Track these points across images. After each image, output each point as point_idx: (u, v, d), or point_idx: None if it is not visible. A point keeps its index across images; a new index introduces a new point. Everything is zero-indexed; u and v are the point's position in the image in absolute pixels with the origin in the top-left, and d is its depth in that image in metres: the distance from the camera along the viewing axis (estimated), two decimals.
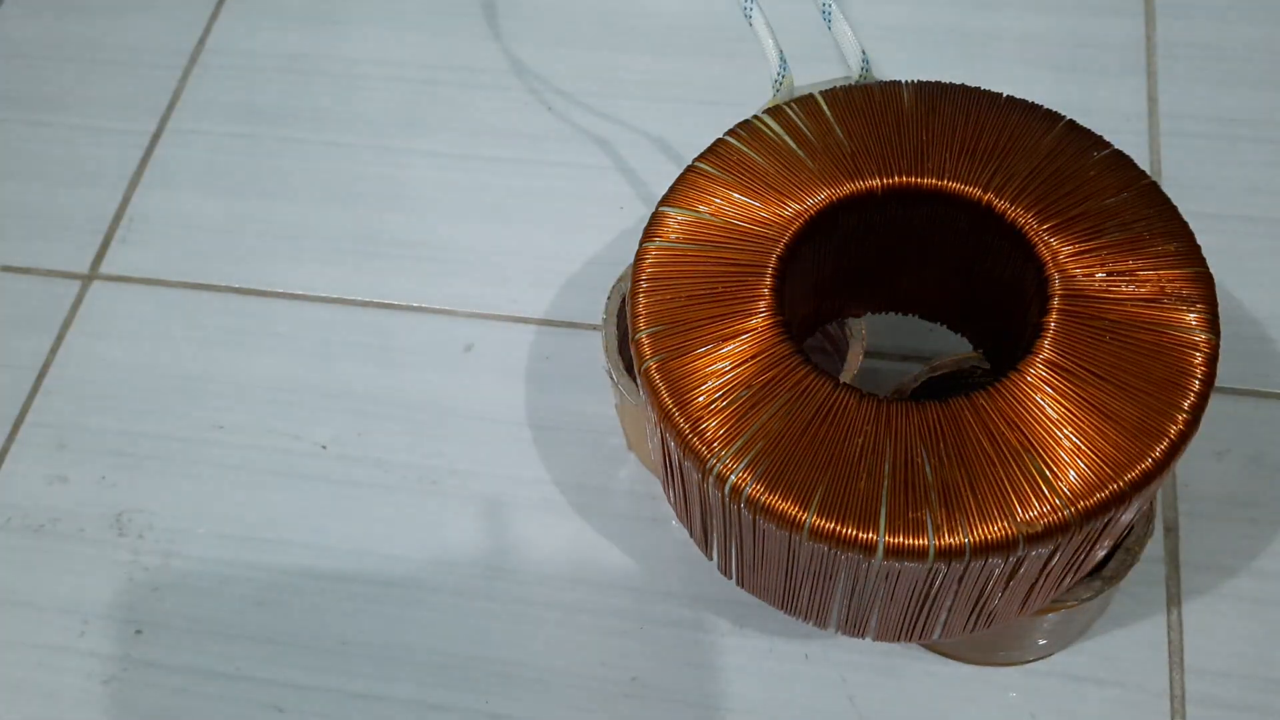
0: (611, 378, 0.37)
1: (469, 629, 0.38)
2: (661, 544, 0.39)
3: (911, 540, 0.26)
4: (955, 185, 0.30)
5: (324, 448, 0.42)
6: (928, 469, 0.26)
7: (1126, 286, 0.28)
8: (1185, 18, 0.48)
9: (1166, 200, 0.30)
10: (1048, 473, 0.26)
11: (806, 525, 0.26)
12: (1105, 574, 0.32)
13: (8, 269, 0.47)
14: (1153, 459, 0.26)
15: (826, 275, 0.33)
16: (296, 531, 0.40)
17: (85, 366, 0.45)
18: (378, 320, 0.44)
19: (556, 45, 0.51)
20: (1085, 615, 0.34)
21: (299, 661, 0.38)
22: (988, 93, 0.32)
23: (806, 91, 0.34)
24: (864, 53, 0.35)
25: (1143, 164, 0.42)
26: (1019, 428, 0.27)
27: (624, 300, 0.39)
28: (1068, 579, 0.30)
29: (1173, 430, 0.26)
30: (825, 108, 0.32)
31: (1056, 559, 0.27)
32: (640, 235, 0.31)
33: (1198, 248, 0.29)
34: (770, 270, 0.30)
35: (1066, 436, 0.27)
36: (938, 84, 0.33)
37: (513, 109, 0.49)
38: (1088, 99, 0.46)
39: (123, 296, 0.46)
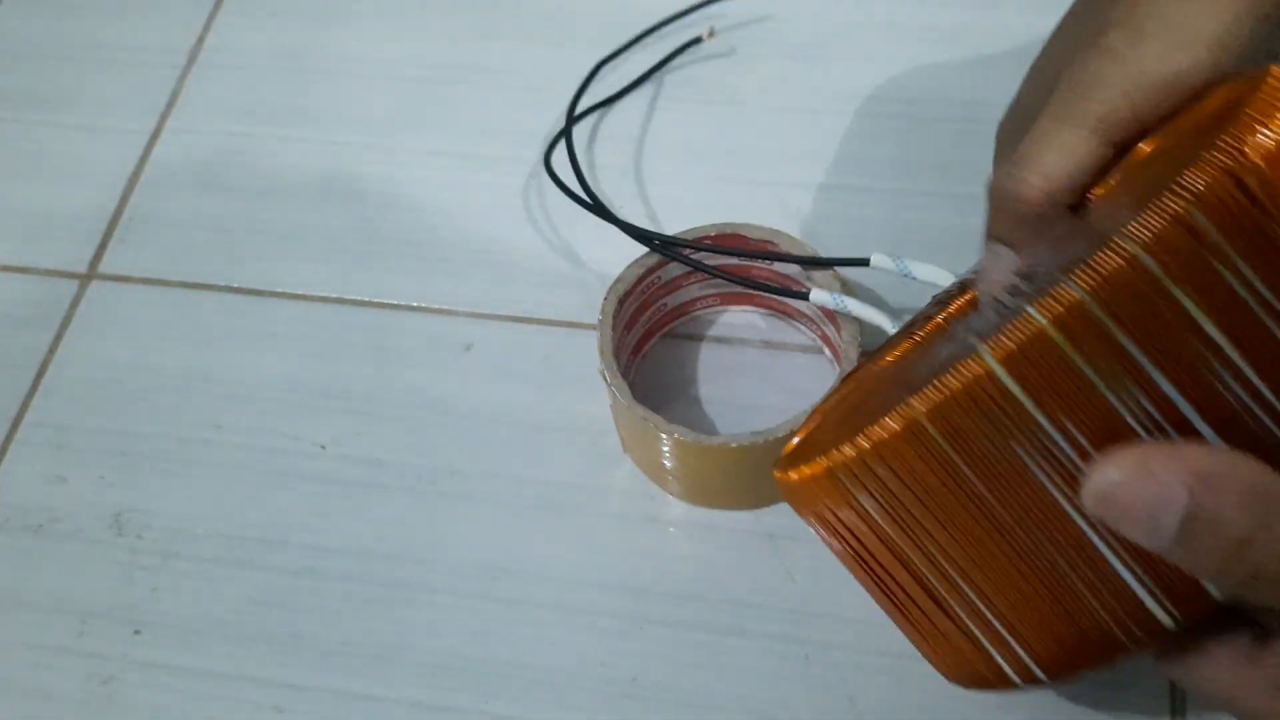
0: (605, 379, 0.37)
1: (469, 629, 0.38)
2: (661, 544, 0.39)
3: None
4: None
5: (323, 448, 0.42)
6: None
7: None
8: None
9: None
10: None
11: None
12: None
13: (6, 268, 0.47)
14: None
15: None
16: (296, 531, 0.40)
17: (84, 366, 0.44)
18: (377, 320, 0.44)
19: (556, 45, 0.51)
20: None
21: (298, 661, 0.38)
22: None
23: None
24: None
25: None
26: None
27: (619, 301, 0.39)
28: None
29: None
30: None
31: None
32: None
33: None
34: None
35: None
36: None
37: (513, 109, 0.49)
38: None
39: (122, 296, 0.46)
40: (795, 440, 0.32)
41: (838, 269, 0.38)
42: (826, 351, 0.41)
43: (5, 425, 0.43)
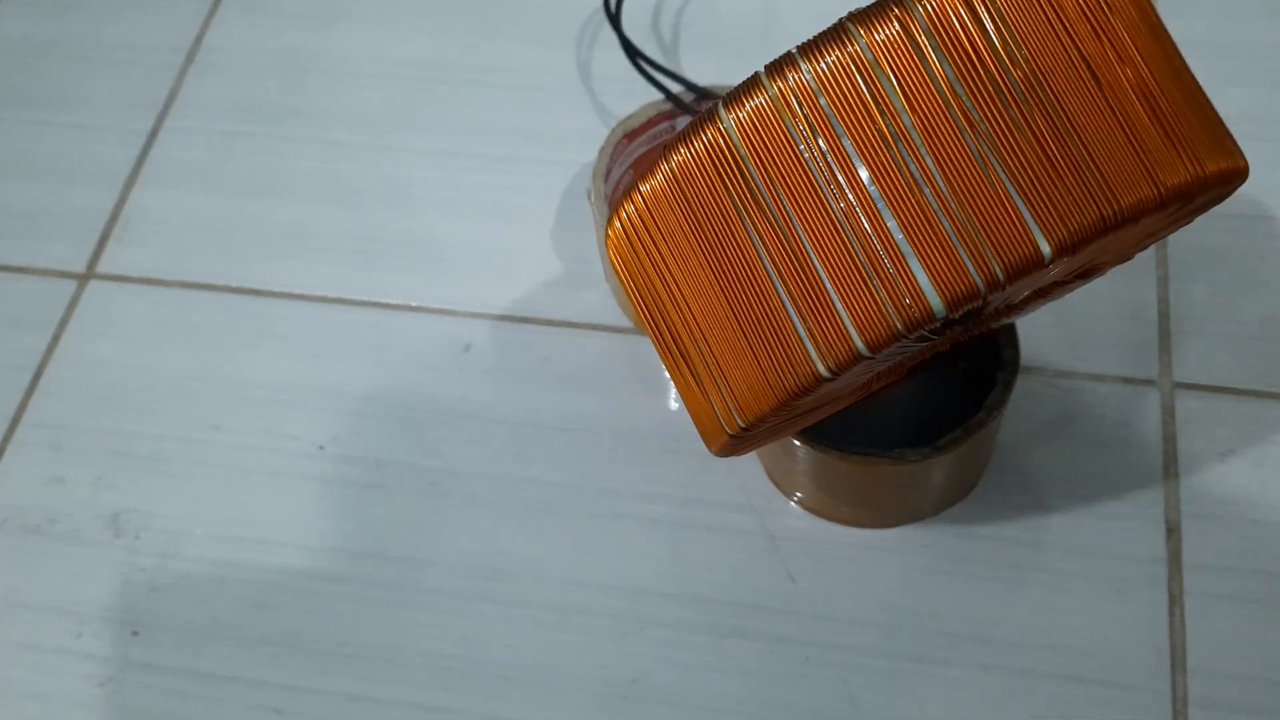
0: (589, 199, 0.38)
1: (469, 629, 0.38)
2: (662, 544, 0.39)
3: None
4: None
5: (322, 448, 0.42)
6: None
7: None
8: (1185, 18, 0.48)
9: None
10: None
11: None
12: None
13: (4, 268, 0.47)
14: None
15: None
16: (294, 532, 0.40)
17: (82, 366, 0.44)
18: (377, 320, 0.44)
19: (557, 45, 0.51)
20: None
21: (297, 663, 0.38)
22: None
23: None
24: None
25: None
26: None
27: (626, 136, 0.39)
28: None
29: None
30: None
31: None
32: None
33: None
34: None
35: None
36: None
37: (512, 108, 0.49)
38: None
39: (120, 296, 0.46)
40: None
41: None
42: None
43: (3, 426, 0.43)
